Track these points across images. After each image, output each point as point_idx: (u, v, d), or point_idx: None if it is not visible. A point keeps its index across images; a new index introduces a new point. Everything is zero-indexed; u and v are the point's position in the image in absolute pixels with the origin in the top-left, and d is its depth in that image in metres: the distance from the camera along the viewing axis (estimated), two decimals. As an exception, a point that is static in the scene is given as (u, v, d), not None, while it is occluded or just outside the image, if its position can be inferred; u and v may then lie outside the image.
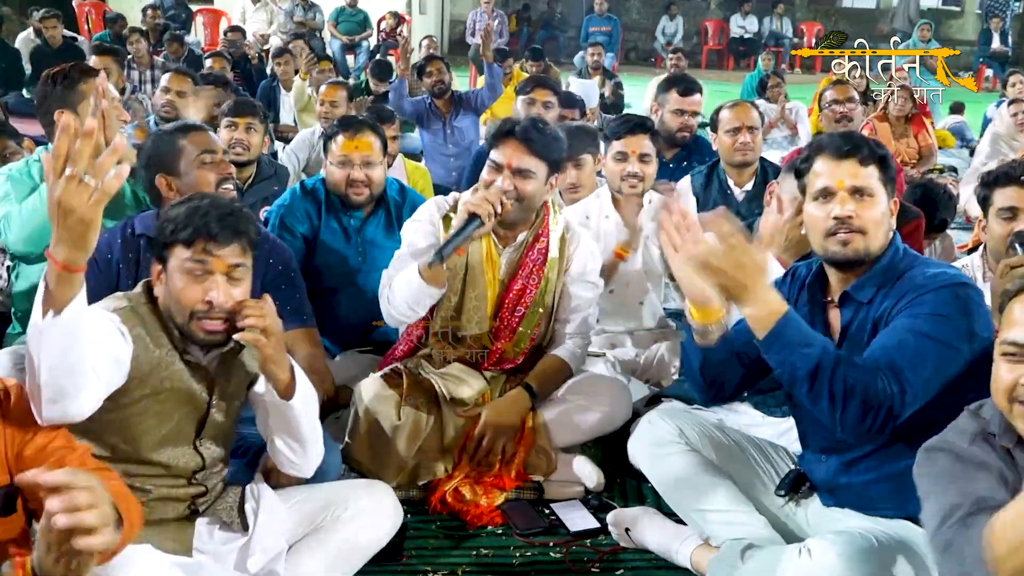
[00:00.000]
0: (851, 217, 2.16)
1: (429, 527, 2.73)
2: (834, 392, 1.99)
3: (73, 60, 3.48)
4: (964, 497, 1.67)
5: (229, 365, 2.23)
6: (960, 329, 2.06)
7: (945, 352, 2.04)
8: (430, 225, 2.96)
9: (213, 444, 2.25)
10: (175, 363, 2.14)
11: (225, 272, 2.09)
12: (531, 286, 2.98)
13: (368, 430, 2.82)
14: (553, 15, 17.95)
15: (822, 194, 2.21)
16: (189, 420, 2.19)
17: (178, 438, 2.18)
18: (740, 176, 4.07)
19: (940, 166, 7.31)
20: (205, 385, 2.19)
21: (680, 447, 2.50)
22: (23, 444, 1.80)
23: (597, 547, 2.65)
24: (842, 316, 2.25)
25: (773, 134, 7.97)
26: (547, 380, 2.98)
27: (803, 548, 2.15)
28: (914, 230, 3.41)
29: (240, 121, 4.07)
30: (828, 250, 2.21)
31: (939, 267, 2.22)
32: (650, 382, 3.49)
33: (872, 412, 1.98)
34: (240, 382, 2.27)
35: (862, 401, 1.98)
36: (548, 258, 2.98)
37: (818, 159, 2.24)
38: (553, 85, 5.21)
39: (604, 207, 3.58)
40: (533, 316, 3.01)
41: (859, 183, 2.18)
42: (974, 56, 16.10)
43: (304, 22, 12.30)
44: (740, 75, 13.52)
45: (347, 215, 3.50)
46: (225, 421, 2.26)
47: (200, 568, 2.13)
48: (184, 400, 2.17)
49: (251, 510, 2.28)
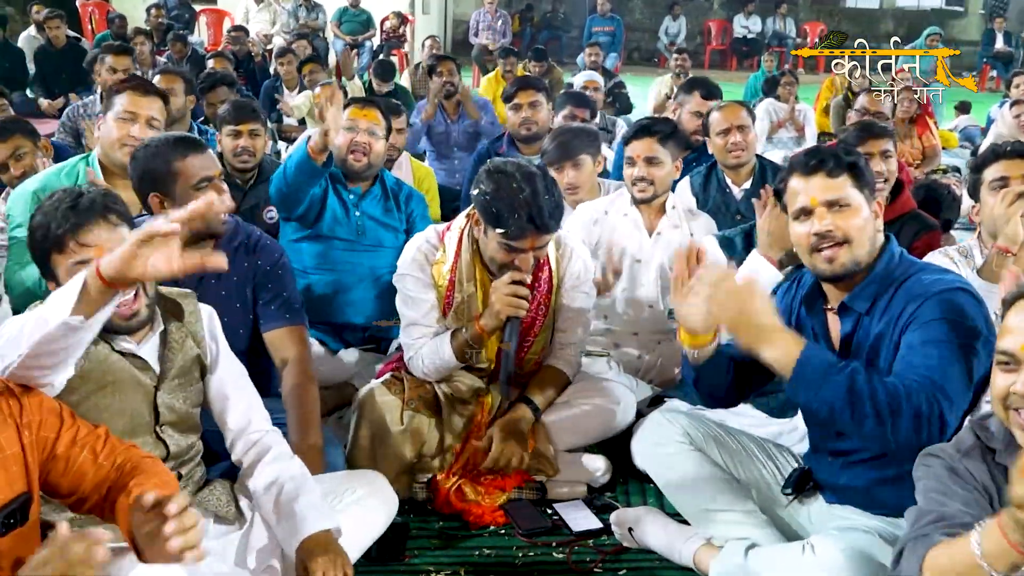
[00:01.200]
0: (831, 231, 2.16)
1: (431, 527, 2.73)
2: (879, 411, 1.96)
3: (76, 60, 3.50)
4: (933, 509, 1.72)
5: (169, 348, 2.23)
6: (970, 331, 2.06)
7: (968, 353, 2.03)
8: (426, 276, 2.93)
9: (175, 431, 2.24)
10: (109, 355, 2.14)
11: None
12: (540, 316, 2.98)
13: (370, 436, 2.82)
14: (556, 15, 17.93)
15: (801, 213, 2.22)
16: (143, 409, 2.19)
17: (137, 429, 2.17)
18: (737, 176, 4.07)
19: (944, 166, 7.30)
20: (147, 372, 2.19)
21: (683, 447, 2.50)
22: (52, 444, 1.81)
23: (600, 547, 2.65)
24: (842, 325, 2.25)
25: (780, 134, 7.95)
26: (548, 393, 2.97)
27: (807, 545, 2.16)
28: (930, 242, 3.39)
29: (243, 128, 4.05)
30: (816, 268, 2.22)
31: (936, 273, 2.21)
32: (653, 382, 3.48)
33: (925, 424, 1.95)
34: (186, 365, 2.26)
35: (913, 416, 1.95)
36: (553, 286, 2.99)
37: (791, 178, 2.25)
38: (535, 83, 5.08)
39: (625, 205, 3.57)
40: (541, 341, 3.02)
41: (831, 196, 2.18)
42: (977, 56, 16.08)
43: (307, 22, 12.31)
44: (743, 75, 13.50)
45: (347, 190, 3.61)
46: (182, 407, 2.25)
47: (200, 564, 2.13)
48: (130, 389, 2.16)
49: (246, 505, 2.28)
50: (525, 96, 4.83)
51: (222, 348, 2.35)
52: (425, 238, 3.00)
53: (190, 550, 1.61)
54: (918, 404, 1.95)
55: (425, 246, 2.97)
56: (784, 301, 2.39)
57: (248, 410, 2.34)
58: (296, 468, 2.28)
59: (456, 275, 2.91)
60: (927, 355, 2.03)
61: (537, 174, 2.74)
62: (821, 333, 2.29)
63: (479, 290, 2.91)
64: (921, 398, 1.96)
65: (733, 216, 3.96)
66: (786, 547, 2.25)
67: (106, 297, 1.72)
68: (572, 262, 3.03)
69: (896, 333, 2.12)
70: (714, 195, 4.08)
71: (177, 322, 2.26)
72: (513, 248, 2.74)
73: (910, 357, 2.06)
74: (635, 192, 3.49)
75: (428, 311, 2.92)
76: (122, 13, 11.66)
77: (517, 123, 4.83)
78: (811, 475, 2.39)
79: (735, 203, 4.01)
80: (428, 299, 2.93)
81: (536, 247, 2.77)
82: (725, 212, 3.97)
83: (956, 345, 2.03)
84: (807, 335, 2.30)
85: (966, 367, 2.02)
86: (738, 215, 3.95)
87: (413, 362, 2.94)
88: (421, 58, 9.85)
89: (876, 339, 2.17)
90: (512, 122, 4.88)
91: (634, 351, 3.52)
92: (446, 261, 2.93)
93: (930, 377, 1.99)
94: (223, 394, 2.33)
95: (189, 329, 2.28)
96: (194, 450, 2.33)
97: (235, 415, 2.32)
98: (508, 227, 2.68)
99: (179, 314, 2.27)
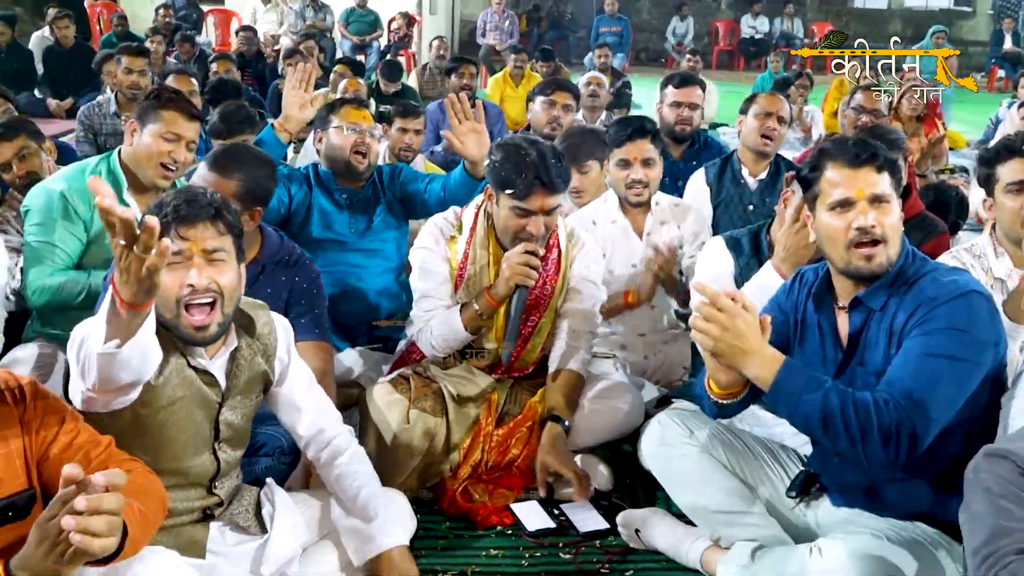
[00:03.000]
0: (874, 227, 2.12)
1: (439, 528, 2.74)
2: (850, 431, 1.99)
3: (84, 61, 3.50)
4: (1013, 529, 1.50)
5: (237, 366, 2.23)
6: (976, 341, 2.05)
7: (963, 368, 2.03)
8: (441, 249, 2.99)
9: (229, 447, 2.26)
10: (184, 370, 2.13)
11: (202, 255, 2.05)
12: (545, 296, 2.99)
13: (377, 436, 2.83)
14: (563, 15, 17.91)
15: (840, 204, 2.16)
16: (205, 425, 2.19)
17: (198, 445, 2.18)
18: (756, 166, 4.05)
19: (951, 166, 7.28)
20: (214, 388, 2.19)
21: (690, 448, 2.49)
22: (48, 445, 1.80)
23: (607, 548, 2.65)
24: (851, 321, 2.23)
25: (787, 134, 7.94)
26: (570, 402, 2.95)
27: (814, 548, 2.15)
28: (936, 246, 3.38)
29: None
30: (851, 263, 2.16)
31: (950, 274, 2.19)
32: (660, 384, 3.48)
33: (892, 442, 1.97)
34: (251, 382, 2.27)
35: (881, 435, 1.97)
36: (560, 267, 3.00)
37: (831, 167, 2.19)
38: (574, 88, 5.17)
39: (611, 212, 3.55)
40: (545, 325, 3.01)
41: (877, 190, 2.15)
42: (986, 57, 16.03)
43: (314, 23, 12.33)
44: (751, 76, 13.48)
45: (339, 190, 3.58)
46: (240, 423, 2.26)
47: (213, 570, 2.14)
48: (197, 405, 2.16)
49: (267, 514, 2.29)
50: (562, 97, 4.93)
51: (293, 359, 2.35)
52: (443, 216, 3.08)
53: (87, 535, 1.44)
54: (888, 425, 1.97)
55: (442, 222, 3.05)
56: (789, 299, 2.39)
57: (318, 417, 2.37)
58: (366, 473, 2.36)
59: (471, 248, 2.96)
60: (919, 368, 2.03)
61: (544, 143, 2.87)
62: (829, 330, 2.28)
63: (491, 264, 2.95)
64: (892, 418, 1.97)
65: (745, 208, 3.96)
66: (793, 549, 2.24)
67: (135, 320, 1.69)
68: (583, 251, 3.06)
69: (903, 334, 2.12)
70: (728, 186, 4.07)
71: (248, 337, 2.25)
72: (523, 210, 2.81)
73: (903, 368, 2.06)
74: (630, 195, 3.45)
75: (440, 284, 2.97)
76: (125, 13, 11.69)
77: (545, 120, 4.87)
78: (816, 478, 2.39)
79: (749, 195, 4.01)
80: (441, 272, 2.98)
81: (545, 210, 2.80)
82: (738, 203, 3.97)
83: (951, 360, 2.02)
84: (813, 332, 2.30)
85: (957, 382, 2.02)
86: (751, 206, 3.95)
87: (421, 335, 2.97)
88: (428, 59, 9.84)
89: (884, 337, 2.16)
90: (540, 117, 4.92)
91: (640, 352, 3.52)
92: (461, 235, 2.99)
93: (911, 394, 1.99)
94: (293, 405, 2.35)
95: (261, 343, 2.27)
96: (239, 462, 2.34)
97: (305, 424, 2.35)
98: (516, 186, 2.77)
99: (251, 329, 2.25)
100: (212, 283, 2.04)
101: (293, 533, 2.27)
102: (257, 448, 2.62)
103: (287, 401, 2.35)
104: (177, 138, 3.12)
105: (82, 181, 3.10)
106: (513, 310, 2.82)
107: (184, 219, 2.03)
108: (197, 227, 2.04)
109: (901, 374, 2.04)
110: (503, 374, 3.05)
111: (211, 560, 2.16)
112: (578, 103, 5.16)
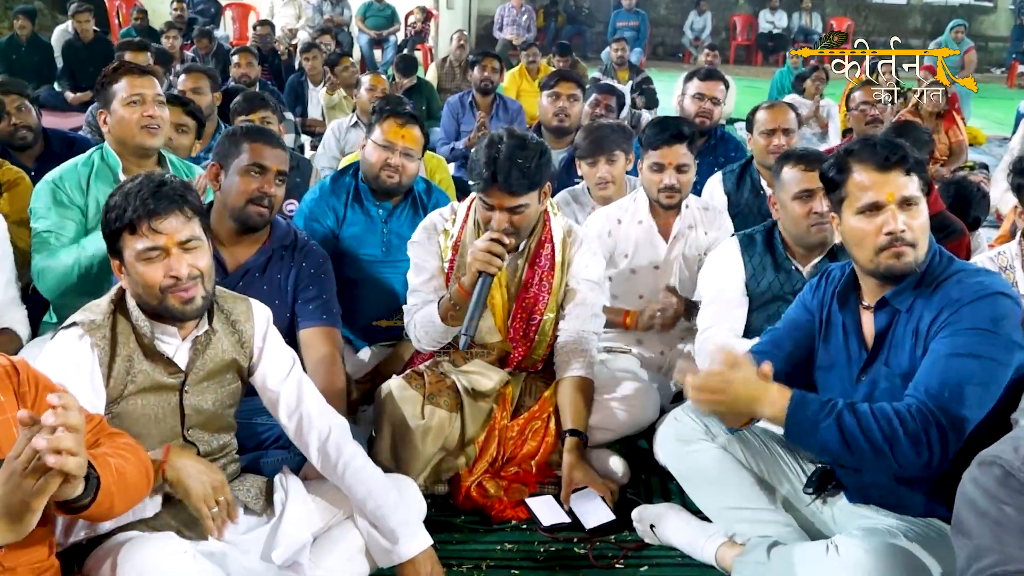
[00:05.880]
0: (904, 231, 2.10)
1: (454, 522, 2.74)
2: (874, 444, 1.98)
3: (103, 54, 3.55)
4: (991, 546, 1.46)
5: (196, 351, 2.24)
6: (1002, 340, 2.03)
7: (991, 367, 2.01)
8: (433, 244, 3.00)
9: (203, 432, 2.27)
10: (139, 362, 2.17)
11: (179, 246, 2.11)
12: (543, 293, 2.98)
13: (392, 432, 2.83)
14: (580, 10, 17.89)
15: (870, 208, 2.13)
16: (171, 413, 2.22)
17: (164, 431, 2.21)
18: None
19: (971, 163, 7.24)
20: (174, 375, 2.21)
21: (706, 444, 2.49)
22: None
23: (621, 543, 2.65)
24: (877, 321, 2.21)
25: (803, 130, 7.88)
26: (584, 409, 2.91)
27: (830, 545, 2.14)
28: (956, 248, 3.35)
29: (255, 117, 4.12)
30: (881, 264, 2.14)
31: (976, 275, 2.16)
32: (676, 379, 3.47)
33: (924, 446, 1.96)
34: (219, 367, 2.28)
35: (910, 441, 1.96)
36: (555, 263, 2.99)
37: (859, 169, 2.16)
38: (577, 78, 5.16)
39: (639, 212, 3.52)
40: (549, 323, 3.01)
41: (907, 193, 2.13)
42: (1007, 52, 15.90)
43: (332, 17, 12.35)
44: (769, 71, 13.42)
45: (376, 205, 3.51)
46: (211, 408, 2.28)
47: (224, 556, 2.15)
48: (157, 394, 2.19)
49: (279, 500, 2.30)
50: (566, 88, 4.90)
51: (269, 347, 2.36)
52: (439, 211, 3.09)
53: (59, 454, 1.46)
54: (915, 430, 1.96)
55: (436, 216, 3.06)
56: (816, 297, 2.37)
57: (300, 405, 2.34)
58: (368, 472, 2.34)
59: (461, 239, 2.97)
60: (947, 369, 2.01)
61: (526, 140, 2.80)
62: (853, 329, 2.26)
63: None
64: (918, 422, 1.96)
65: (764, 218, 3.93)
66: (809, 546, 2.24)
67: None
68: (581, 249, 3.03)
69: (930, 334, 2.10)
70: (747, 195, 4.05)
71: (222, 324, 2.28)
72: (484, 203, 2.82)
73: (930, 369, 2.04)
74: (663, 199, 3.42)
75: (429, 279, 2.97)
76: (144, 8, 11.75)
77: (552, 112, 4.87)
78: (833, 474, 2.38)
79: (767, 204, 3.98)
80: (431, 267, 2.98)
81: (505, 207, 2.78)
82: (756, 213, 3.93)
83: (979, 359, 2.01)
84: (838, 331, 2.29)
85: (985, 381, 2.01)
86: (769, 216, 3.93)
87: (408, 329, 3.00)
88: (448, 52, 9.84)
89: (911, 339, 2.14)
90: (547, 110, 4.92)
91: (656, 348, 3.51)
92: (455, 226, 2.99)
93: (939, 395, 1.98)
94: (271, 392, 2.35)
95: (235, 329, 2.30)
96: (227, 448, 2.35)
97: (284, 412, 2.34)
98: (476, 180, 2.81)
99: (225, 316, 2.30)
100: (193, 270, 2.13)
101: (305, 519, 2.27)
102: (272, 440, 2.63)
103: (263, 388, 2.35)
104: (141, 97, 3.18)
105: (73, 172, 3.21)
106: (475, 298, 2.73)
107: (154, 213, 2.08)
108: (168, 219, 2.10)
109: (928, 376, 2.03)
110: (515, 369, 3.04)
111: (221, 547, 2.16)
112: (584, 93, 5.12)
